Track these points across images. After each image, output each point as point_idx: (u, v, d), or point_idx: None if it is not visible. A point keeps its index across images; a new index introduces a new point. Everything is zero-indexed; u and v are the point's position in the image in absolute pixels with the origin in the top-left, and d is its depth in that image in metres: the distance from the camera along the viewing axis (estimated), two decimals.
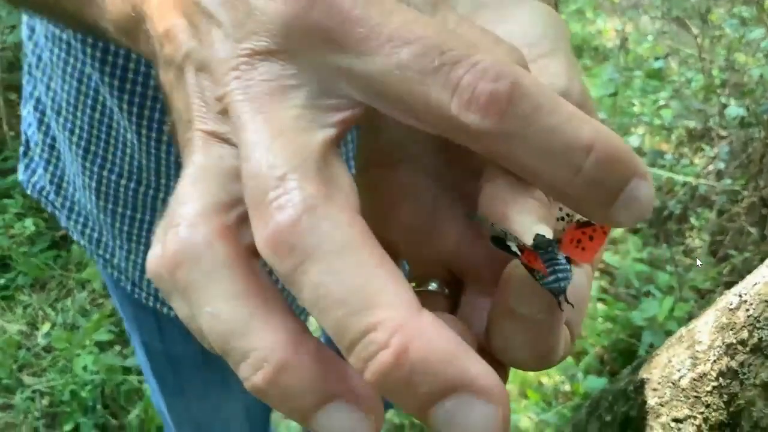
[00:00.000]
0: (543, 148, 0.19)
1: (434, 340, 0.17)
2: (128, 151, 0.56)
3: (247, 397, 0.83)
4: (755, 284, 0.29)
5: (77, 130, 0.57)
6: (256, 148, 0.19)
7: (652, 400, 0.34)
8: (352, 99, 0.21)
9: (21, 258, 1.93)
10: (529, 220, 0.23)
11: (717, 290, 1.75)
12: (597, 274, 1.97)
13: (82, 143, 0.57)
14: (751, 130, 2.01)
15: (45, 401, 1.67)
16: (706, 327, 0.32)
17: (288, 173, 0.19)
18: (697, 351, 0.31)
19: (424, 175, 0.28)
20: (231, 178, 0.21)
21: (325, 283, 0.18)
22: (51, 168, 0.64)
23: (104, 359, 1.68)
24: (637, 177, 0.20)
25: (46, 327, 1.82)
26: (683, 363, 0.32)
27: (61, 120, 0.58)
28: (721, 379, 0.29)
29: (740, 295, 0.30)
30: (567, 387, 1.71)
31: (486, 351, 0.24)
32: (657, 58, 2.64)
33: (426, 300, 0.25)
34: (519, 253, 0.21)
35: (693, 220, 2.06)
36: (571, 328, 0.25)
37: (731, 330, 0.29)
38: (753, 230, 1.84)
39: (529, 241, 0.21)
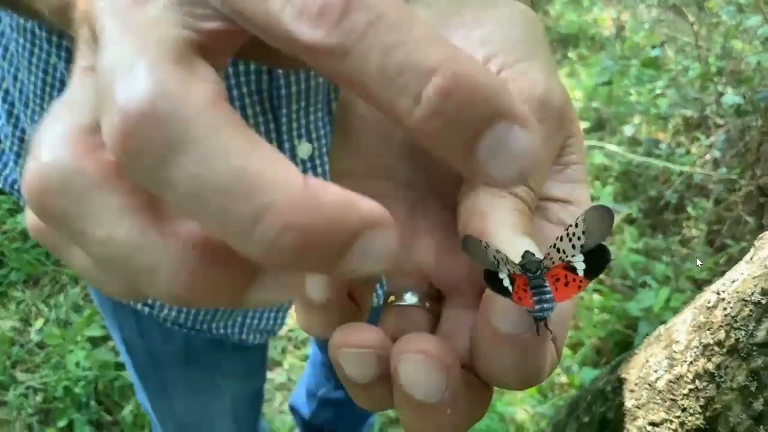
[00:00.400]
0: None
1: (325, 207, 0.16)
2: None
3: (233, 396, 0.83)
4: (734, 281, 0.28)
5: (37, 109, 0.55)
6: (108, 45, 0.17)
7: (629, 402, 0.32)
8: (220, 12, 0.18)
9: (13, 254, 1.92)
10: (510, 235, 0.22)
11: (714, 280, 1.73)
12: None
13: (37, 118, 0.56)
14: (747, 119, 1.99)
15: (38, 397, 1.66)
16: (683, 326, 0.30)
17: (137, 61, 0.16)
18: (674, 351, 0.30)
19: (398, 185, 0.27)
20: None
21: (199, 174, 0.15)
22: (21, 161, 0.62)
23: (97, 355, 1.67)
24: (505, 119, 0.16)
25: (39, 323, 1.81)
26: (660, 363, 0.31)
27: (29, 112, 0.56)
28: (697, 381, 0.28)
29: (718, 293, 0.28)
30: (563, 379, 1.70)
31: (470, 369, 0.24)
32: (653, 47, 2.61)
33: (405, 315, 0.26)
34: (510, 289, 0.21)
35: (690, 209, 2.04)
36: (556, 343, 0.25)
37: (708, 330, 0.28)
38: (750, 219, 1.82)
39: (517, 258, 0.22)
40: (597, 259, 0.22)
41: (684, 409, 0.28)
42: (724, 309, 0.27)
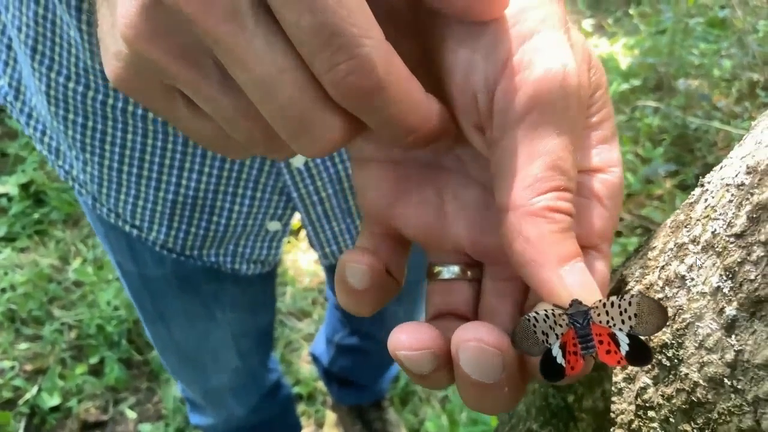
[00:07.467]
0: (383, 126, 0.23)
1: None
2: (73, 51, 0.52)
3: (235, 330, 0.80)
4: (722, 167, 0.22)
5: (24, 27, 0.53)
6: None
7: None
8: None
9: (54, 194, 1.95)
10: (556, 268, 0.22)
11: None
12: (639, 231, 1.87)
13: (29, 42, 0.53)
14: None
15: (72, 334, 1.70)
16: (663, 229, 0.25)
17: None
18: (649, 259, 0.25)
19: (422, 166, 0.28)
20: None
21: None
22: (9, 70, 0.60)
23: (125, 294, 1.68)
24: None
25: (77, 262, 1.83)
26: (633, 275, 0.26)
27: (9, 16, 0.54)
28: (667, 288, 0.23)
29: (703, 185, 0.23)
30: None
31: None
32: (722, 7, 2.46)
33: (449, 291, 0.28)
34: (563, 365, 0.23)
35: None
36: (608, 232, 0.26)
37: (686, 227, 0.23)
38: None
39: (564, 303, 0.22)
40: (639, 351, 0.22)
41: None
42: (706, 200, 0.22)
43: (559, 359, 0.23)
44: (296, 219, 1.48)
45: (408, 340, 0.24)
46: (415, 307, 0.97)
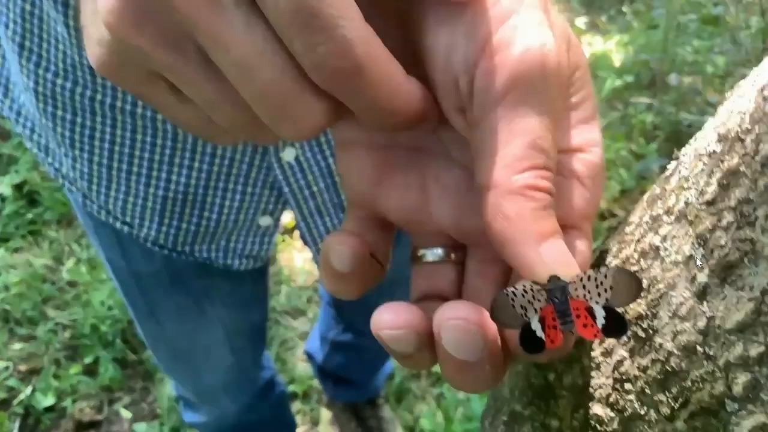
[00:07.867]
0: (364, 109, 0.23)
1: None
2: (60, 47, 0.52)
3: (227, 327, 0.80)
4: (696, 139, 0.22)
5: (11, 24, 0.53)
6: None
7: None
8: None
9: (48, 194, 1.94)
10: (535, 245, 0.22)
11: None
12: None
13: (17, 38, 0.53)
14: None
15: (67, 334, 1.69)
16: (639, 205, 0.25)
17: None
18: (626, 233, 0.25)
19: (405, 151, 0.28)
20: None
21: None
22: (3, 80, 0.60)
23: (118, 293, 1.68)
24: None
25: (71, 262, 1.83)
26: (611, 251, 0.26)
27: None
28: (642, 260, 0.23)
29: (678, 158, 0.23)
30: None
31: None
32: (716, 4, 2.47)
33: (434, 273, 0.28)
34: (543, 338, 0.23)
35: None
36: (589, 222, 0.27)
37: (660, 200, 0.23)
38: None
39: (543, 279, 0.22)
40: (615, 322, 0.22)
41: None
42: (680, 172, 0.22)
43: (539, 333, 0.23)
44: (291, 218, 1.48)
45: (391, 319, 0.24)
46: None
